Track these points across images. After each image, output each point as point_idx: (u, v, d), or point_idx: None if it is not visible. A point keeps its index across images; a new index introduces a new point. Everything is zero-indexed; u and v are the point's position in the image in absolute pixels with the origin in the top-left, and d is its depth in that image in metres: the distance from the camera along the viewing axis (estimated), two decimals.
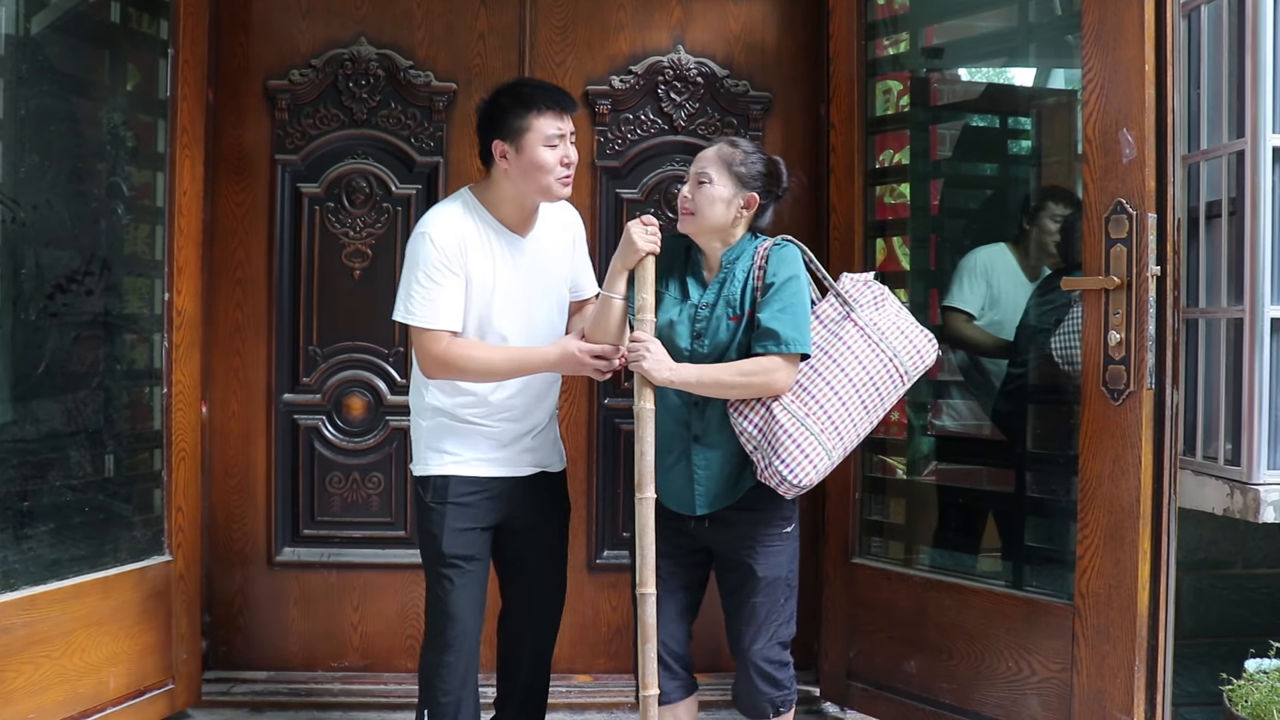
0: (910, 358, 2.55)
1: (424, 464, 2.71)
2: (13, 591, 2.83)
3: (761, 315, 2.47)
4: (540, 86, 2.67)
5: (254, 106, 3.56)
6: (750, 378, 2.44)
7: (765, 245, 2.55)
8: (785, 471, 2.41)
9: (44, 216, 3.02)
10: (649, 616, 2.52)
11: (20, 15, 2.99)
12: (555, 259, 2.78)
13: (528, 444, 2.75)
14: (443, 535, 2.65)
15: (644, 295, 2.49)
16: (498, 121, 2.61)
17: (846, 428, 2.49)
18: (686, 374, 2.46)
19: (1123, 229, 2.62)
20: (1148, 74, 2.60)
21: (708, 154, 2.56)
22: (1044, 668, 2.86)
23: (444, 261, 2.56)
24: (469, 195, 2.69)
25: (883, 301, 2.60)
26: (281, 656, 3.59)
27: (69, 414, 3.09)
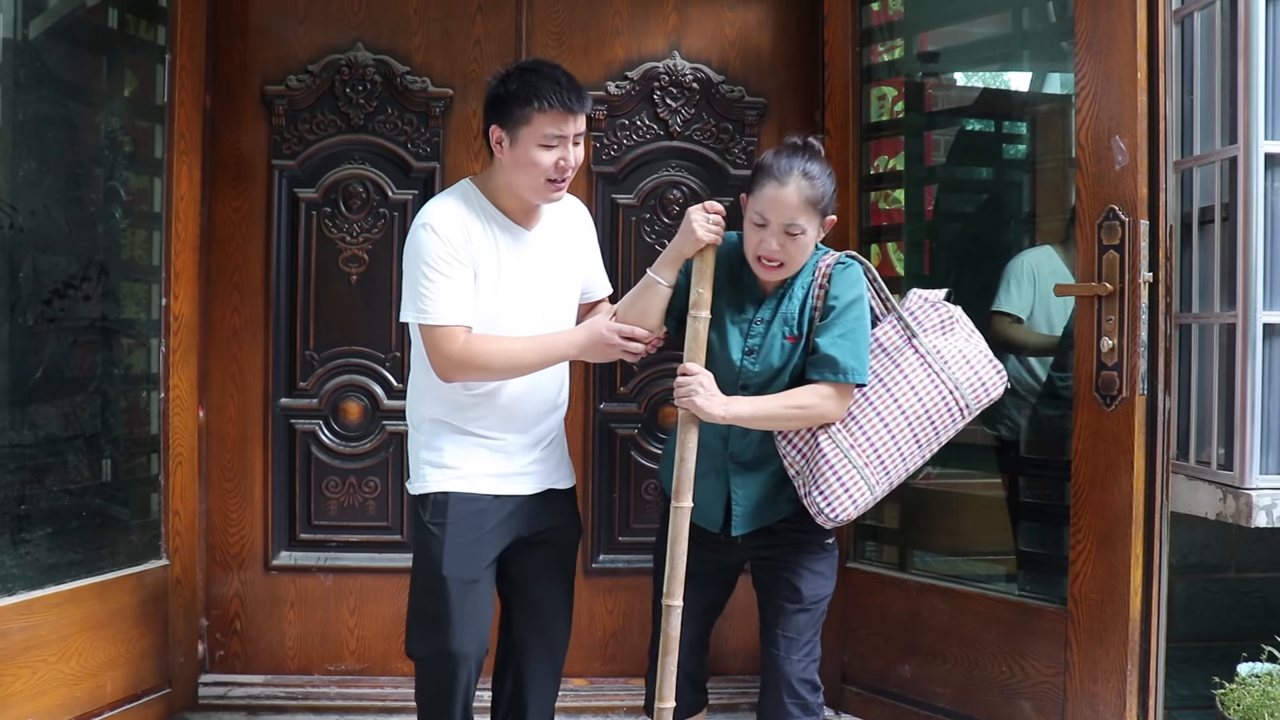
0: (973, 390, 2.40)
1: (421, 481, 2.52)
2: (10, 596, 2.85)
3: (821, 340, 2.33)
4: (550, 78, 2.40)
5: (251, 112, 3.57)
6: (805, 410, 2.32)
7: (827, 262, 2.39)
8: (823, 504, 2.32)
9: (42, 222, 3.03)
10: (673, 629, 2.40)
11: (19, 21, 3.00)
12: (564, 254, 2.60)
13: (536, 457, 2.57)
14: (443, 557, 2.44)
15: (700, 289, 2.32)
16: (501, 105, 2.43)
17: (894, 463, 2.37)
18: (740, 409, 2.31)
19: (1115, 235, 2.64)
20: (1140, 82, 2.62)
21: (792, 199, 2.30)
22: (1037, 672, 2.88)
23: (450, 252, 2.39)
24: (469, 185, 2.52)
25: (951, 326, 2.43)
26: (278, 660, 3.60)
27: (66, 419, 3.11)
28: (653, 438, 3.64)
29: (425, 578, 2.49)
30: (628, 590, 3.61)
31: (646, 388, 3.63)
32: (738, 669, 3.67)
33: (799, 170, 2.31)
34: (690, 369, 2.32)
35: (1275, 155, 2.68)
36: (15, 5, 2.96)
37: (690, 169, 3.63)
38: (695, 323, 2.33)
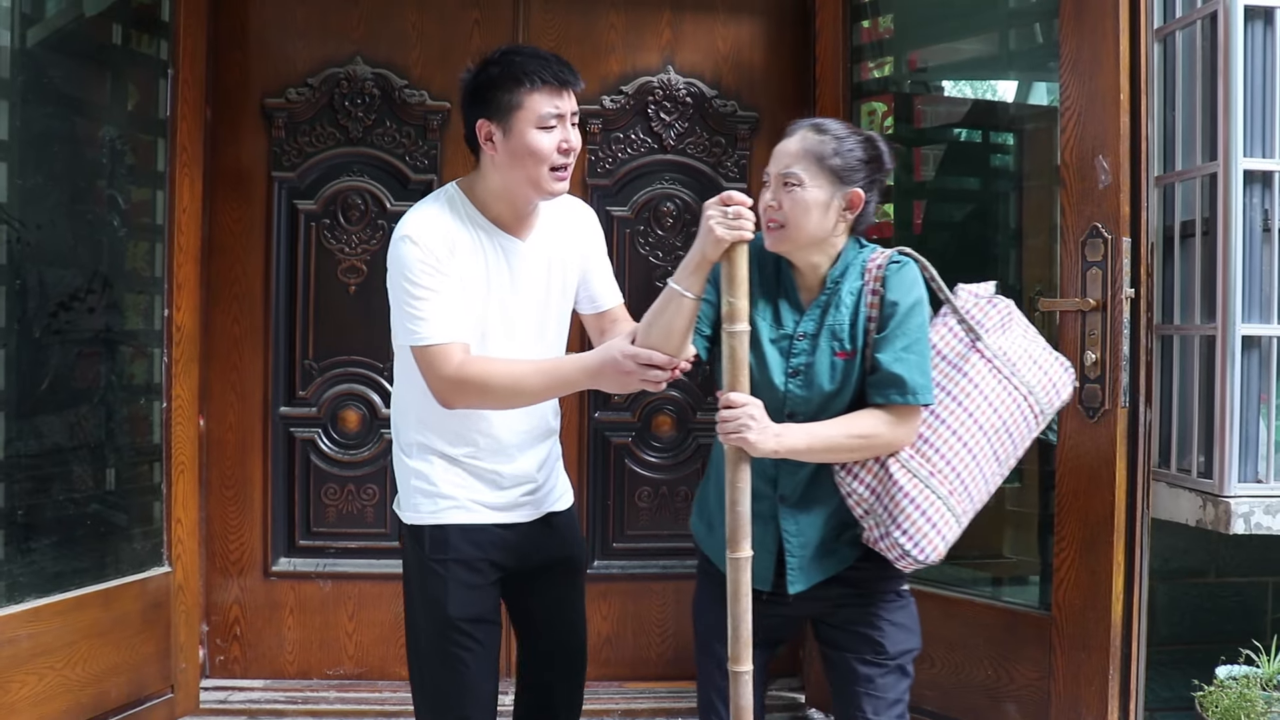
0: (1046, 392, 2.12)
1: (414, 509, 2.26)
2: (17, 604, 2.89)
3: (882, 356, 2.01)
4: (535, 55, 2.17)
5: (251, 125, 3.62)
6: (870, 440, 2.00)
7: (878, 260, 2.07)
8: (909, 545, 1.99)
9: (48, 236, 3.09)
10: (744, 699, 2.01)
11: (24, 37, 3.05)
12: (561, 268, 2.32)
13: (530, 486, 2.31)
14: (448, 598, 2.20)
15: (732, 299, 1.93)
16: (484, 96, 2.16)
17: (977, 485, 2.07)
18: (795, 440, 1.97)
19: (1098, 252, 2.71)
20: (1123, 103, 2.70)
21: (789, 146, 2.05)
22: (1022, 675, 2.95)
23: (433, 264, 2.12)
24: (455, 191, 2.24)
25: (1008, 322, 2.13)
26: (278, 665, 3.65)
27: (71, 429, 3.16)
28: (646, 446, 3.70)
29: (430, 620, 2.24)
30: (622, 596, 3.67)
31: (640, 396, 3.68)
32: None
33: (810, 124, 2.08)
34: (735, 399, 1.95)
35: (1254, 172, 2.76)
36: (19, 22, 3.01)
37: (684, 182, 3.70)
38: (731, 339, 1.94)
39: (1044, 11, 3.31)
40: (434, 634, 2.24)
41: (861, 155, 2.05)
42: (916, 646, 2.18)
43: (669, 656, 3.73)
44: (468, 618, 2.21)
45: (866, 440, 2.00)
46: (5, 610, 2.85)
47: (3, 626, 2.81)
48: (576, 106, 2.20)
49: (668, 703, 3.57)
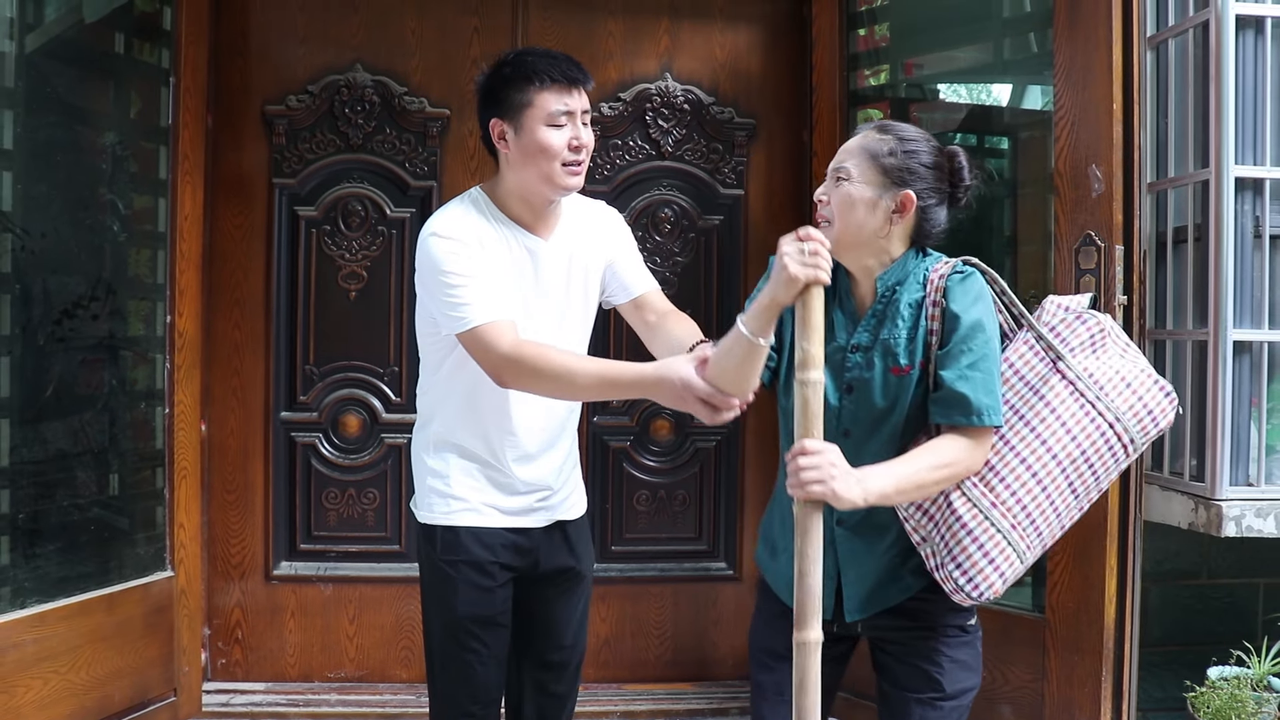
0: (1138, 420, 1.92)
1: (429, 509, 2.31)
2: (23, 609, 2.92)
3: (946, 374, 1.87)
4: (545, 55, 2.23)
5: (252, 131, 3.64)
6: (953, 467, 1.85)
7: (940, 271, 1.94)
8: (963, 581, 1.87)
9: (52, 244, 3.11)
10: None
11: (28, 46, 3.08)
12: (583, 269, 2.35)
13: (545, 492, 2.35)
14: (457, 598, 2.26)
15: (805, 345, 1.77)
16: (496, 96, 2.21)
17: (1047, 519, 1.89)
18: (881, 485, 1.80)
19: (1092, 260, 2.75)
20: (1116, 113, 2.73)
21: (850, 143, 1.97)
22: (1016, 677, 2.98)
23: (464, 251, 2.16)
24: (478, 193, 2.30)
25: (1101, 341, 1.94)
26: (279, 668, 3.67)
27: (75, 435, 3.18)
28: (645, 450, 3.74)
29: (441, 617, 2.31)
30: (620, 598, 3.70)
31: (639, 401, 3.72)
32: (727, 674, 3.77)
33: (878, 124, 1.99)
34: (812, 446, 1.77)
35: (1245, 179, 2.79)
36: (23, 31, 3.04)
37: (681, 188, 3.73)
38: (804, 389, 1.78)
39: (1038, 21, 3.34)
40: (443, 633, 2.30)
41: (927, 160, 1.94)
42: (976, 685, 2.05)
43: (667, 658, 3.76)
44: (476, 618, 2.27)
45: (950, 470, 1.85)
46: (10, 615, 2.88)
47: (8, 631, 2.84)
48: (588, 105, 2.24)
49: (666, 704, 3.60)
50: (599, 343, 3.13)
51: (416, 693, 3.55)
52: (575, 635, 2.45)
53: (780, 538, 2.05)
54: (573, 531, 2.43)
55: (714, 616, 3.78)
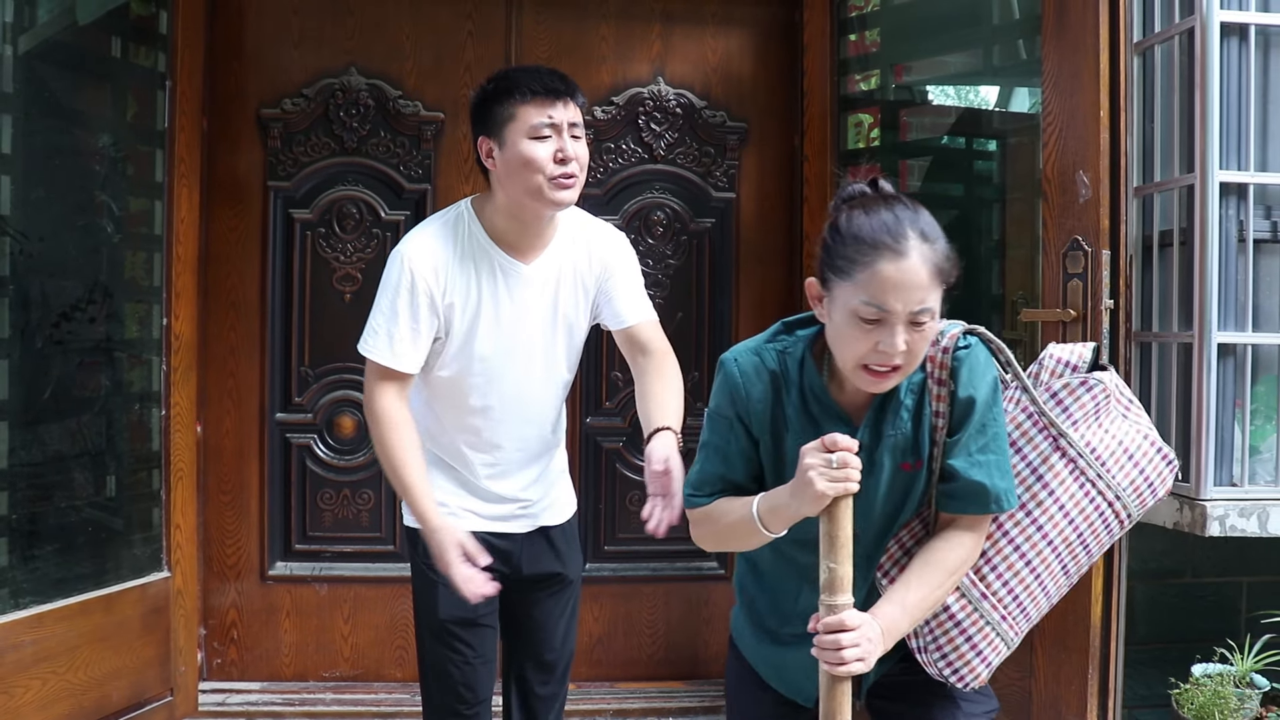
0: (1138, 495, 1.79)
1: (409, 511, 2.31)
2: (21, 610, 2.94)
3: (957, 462, 1.69)
4: (527, 69, 2.23)
5: (247, 135, 3.66)
6: (960, 573, 1.71)
7: (942, 344, 1.70)
8: (948, 672, 1.76)
9: (49, 247, 3.13)
10: None
11: (25, 50, 3.10)
12: (570, 293, 2.33)
13: (526, 500, 2.38)
14: (438, 601, 2.28)
15: (833, 564, 1.59)
16: (482, 113, 2.23)
17: (1037, 605, 1.78)
18: (899, 625, 1.65)
19: (1079, 264, 2.78)
20: (1103, 119, 2.76)
21: (916, 274, 1.59)
22: (1004, 675, 2.99)
23: (412, 292, 2.20)
24: (466, 209, 2.30)
25: (1104, 407, 1.78)
26: (275, 668, 3.70)
27: (73, 437, 3.21)
28: (637, 450, 3.76)
29: (426, 621, 2.35)
30: (613, 597, 3.73)
31: (631, 402, 3.74)
32: (719, 673, 3.78)
33: (913, 230, 1.61)
34: (853, 621, 1.59)
35: (1229, 184, 2.83)
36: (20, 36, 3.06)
37: (674, 191, 3.76)
38: (832, 608, 1.60)
39: (1027, 27, 3.38)
40: (429, 635, 2.35)
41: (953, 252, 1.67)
42: (995, 708, 1.94)
43: (659, 657, 3.80)
44: (459, 620, 2.30)
45: (959, 574, 1.71)
46: (10, 616, 2.90)
47: (7, 632, 2.86)
48: (578, 118, 2.21)
49: (658, 702, 3.64)
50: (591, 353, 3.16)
51: (411, 692, 3.57)
52: (563, 638, 2.48)
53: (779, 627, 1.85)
54: (557, 536, 2.44)
55: (705, 615, 3.81)
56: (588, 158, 2.25)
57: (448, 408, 2.31)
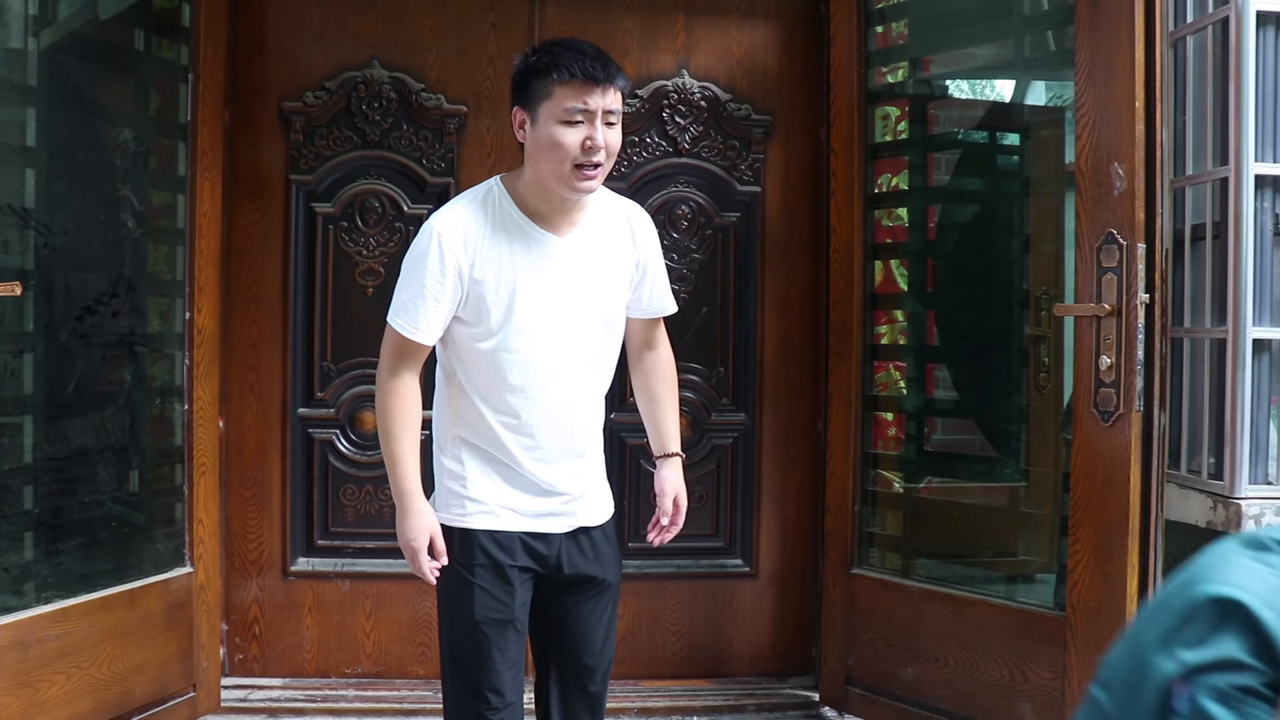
0: None
1: (446, 509, 2.30)
2: (46, 605, 2.93)
3: None
4: (572, 47, 2.16)
5: (269, 128, 3.64)
6: None
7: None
8: None
9: (73, 240, 3.13)
10: None
11: (50, 44, 3.09)
12: (605, 263, 2.31)
13: (568, 496, 2.33)
14: (474, 601, 2.24)
15: None
16: (521, 84, 2.19)
17: None
18: None
19: (1113, 258, 2.74)
20: (1138, 110, 2.72)
21: None
22: (1036, 675, 2.99)
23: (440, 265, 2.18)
24: (496, 184, 2.28)
25: None
26: (296, 664, 3.68)
27: (96, 431, 3.20)
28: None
29: (457, 622, 2.30)
30: (636, 595, 3.70)
31: None
32: (743, 671, 3.78)
33: None
34: None
35: (1265, 176, 2.80)
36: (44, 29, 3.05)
37: (698, 185, 3.73)
38: None
39: (1058, 18, 3.34)
40: (460, 636, 2.30)
41: None
42: None
43: (683, 655, 3.77)
44: (492, 622, 2.26)
45: None
46: (35, 611, 2.89)
47: (32, 626, 2.85)
48: (615, 104, 2.17)
49: (683, 700, 3.61)
50: None
51: (433, 688, 3.56)
52: (603, 641, 2.43)
53: None
54: (597, 537, 2.39)
55: (730, 613, 3.79)
56: (619, 144, 2.22)
57: (487, 389, 2.27)
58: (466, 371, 2.29)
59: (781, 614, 3.80)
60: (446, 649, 2.35)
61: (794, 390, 3.76)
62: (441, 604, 2.37)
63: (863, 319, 3.55)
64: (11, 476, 2.95)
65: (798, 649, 3.79)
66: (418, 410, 2.29)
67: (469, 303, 2.23)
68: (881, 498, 3.68)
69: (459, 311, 2.24)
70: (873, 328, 3.67)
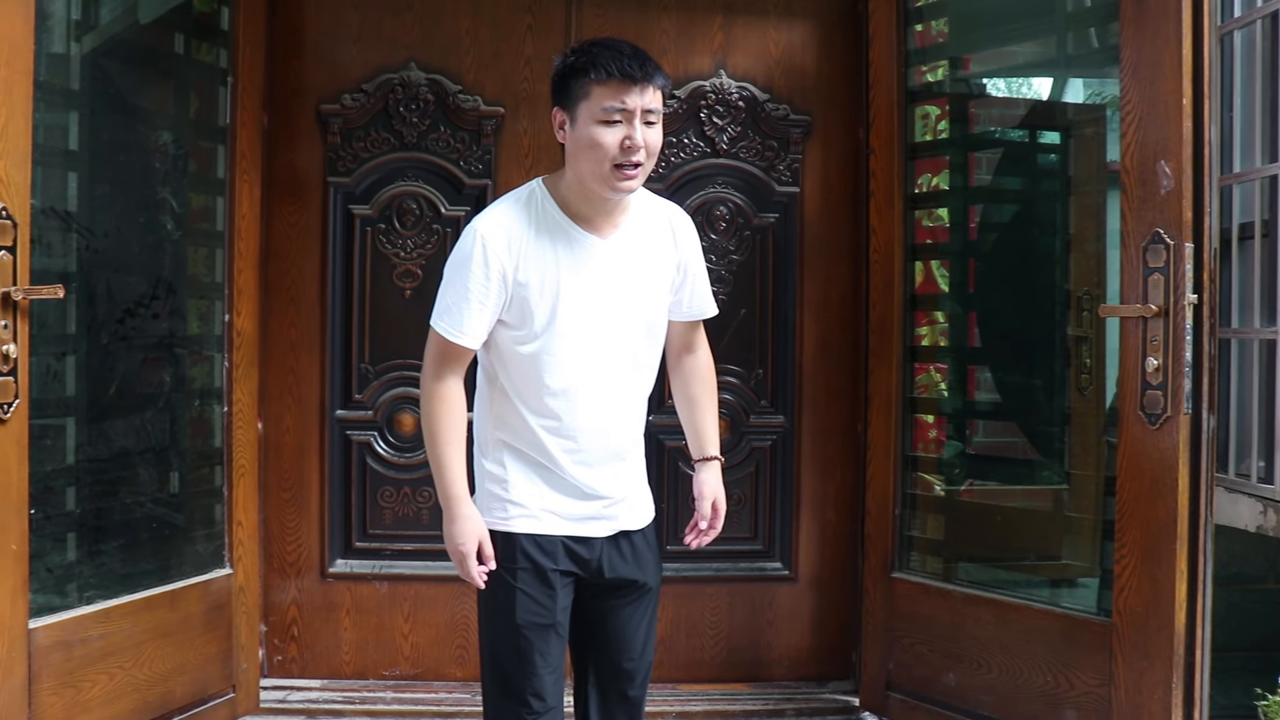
0: None
1: (488, 513, 2.30)
2: (89, 605, 2.95)
3: None
4: (610, 47, 2.16)
5: (307, 130, 3.65)
6: None
7: None
8: None
9: (114, 243, 3.15)
10: None
11: (92, 48, 3.12)
12: (646, 264, 2.31)
13: (610, 499, 2.32)
14: (516, 605, 2.25)
15: None
16: (561, 84, 2.20)
17: None
18: None
19: (1160, 258, 2.69)
20: (1185, 107, 2.67)
21: None
22: (1082, 682, 2.94)
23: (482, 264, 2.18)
24: (538, 186, 2.29)
25: None
26: (335, 665, 3.69)
27: (137, 433, 3.22)
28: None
29: (499, 626, 2.30)
30: (675, 598, 3.67)
31: None
32: (783, 675, 3.75)
33: None
34: None
35: None
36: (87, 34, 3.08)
37: (736, 185, 3.70)
38: None
39: (1101, 14, 3.29)
40: (501, 640, 2.30)
41: None
42: None
43: (722, 658, 3.75)
44: (534, 625, 2.26)
45: None
46: (78, 611, 2.91)
47: (76, 626, 2.87)
48: (654, 104, 2.17)
49: (721, 705, 3.59)
50: None
51: (471, 691, 3.55)
52: (643, 645, 2.43)
53: None
54: (637, 541, 2.39)
55: (769, 617, 3.76)
56: (659, 144, 2.21)
57: (529, 392, 2.27)
58: (508, 374, 2.29)
59: (821, 618, 3.76)
60: (487, 652, 2.35)
61: (833, 392, 3.73)
62: (483, 607, 2.36)
63: (903, 320, 3.52)
64: (55, 478, 2.98)
65: (837, 653, 3.76)
66: (463, 414, 2.28)
67: (513, 306, 2.23)
68: (922, 501, 3.64)
69: (503, 315, 2.25)
70: (913, 329, 3.63)
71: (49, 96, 2.90)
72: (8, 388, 2.52)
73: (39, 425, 2.76)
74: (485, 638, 2.36)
